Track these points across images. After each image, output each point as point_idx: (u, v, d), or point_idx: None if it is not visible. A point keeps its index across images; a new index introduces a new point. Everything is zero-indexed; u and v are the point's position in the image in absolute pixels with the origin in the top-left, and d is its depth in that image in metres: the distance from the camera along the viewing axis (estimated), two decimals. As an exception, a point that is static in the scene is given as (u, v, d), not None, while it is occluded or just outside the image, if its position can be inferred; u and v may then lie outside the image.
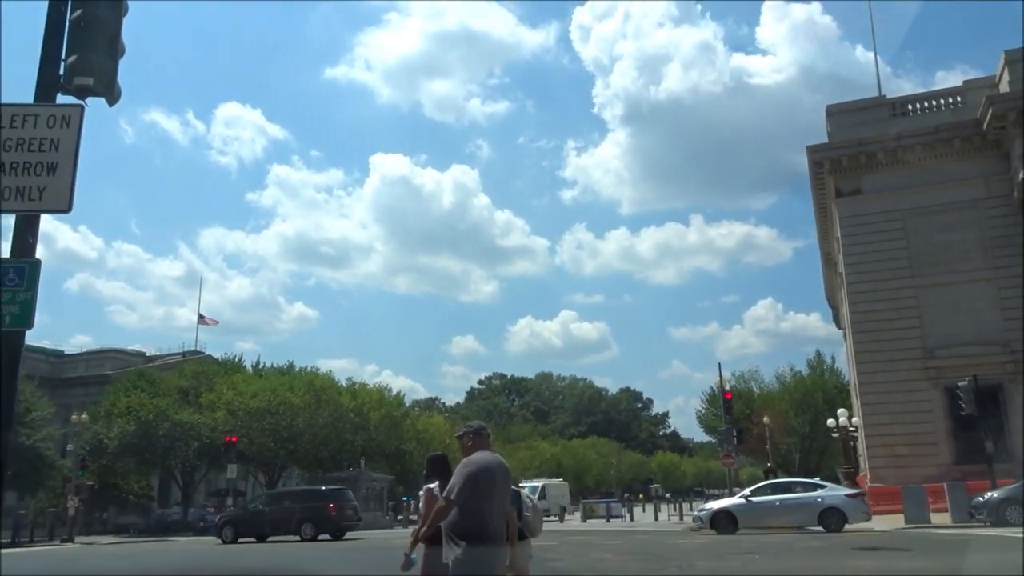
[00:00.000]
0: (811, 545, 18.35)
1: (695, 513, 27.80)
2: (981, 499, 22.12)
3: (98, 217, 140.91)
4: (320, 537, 27.53)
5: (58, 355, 67.21)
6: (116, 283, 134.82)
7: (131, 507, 49.85)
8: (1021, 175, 27.91)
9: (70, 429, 44.29)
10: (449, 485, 5.45)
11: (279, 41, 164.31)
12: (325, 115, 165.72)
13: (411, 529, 7.86)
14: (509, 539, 5.64)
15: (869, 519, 23.40)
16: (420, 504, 7.70)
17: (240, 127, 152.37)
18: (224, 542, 27.91)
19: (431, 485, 7.29)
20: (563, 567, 14.54)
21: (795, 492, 23.87)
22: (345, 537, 28.00)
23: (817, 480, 26.90)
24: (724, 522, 23.27)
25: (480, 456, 5.55)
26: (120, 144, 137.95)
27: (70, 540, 35.36)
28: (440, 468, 7.70)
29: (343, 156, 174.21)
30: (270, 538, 27.74)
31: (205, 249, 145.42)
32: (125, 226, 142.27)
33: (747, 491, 25.02)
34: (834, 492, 23.45)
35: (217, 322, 71.70)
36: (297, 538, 27.22)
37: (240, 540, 27.94)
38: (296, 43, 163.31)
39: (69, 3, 6.20)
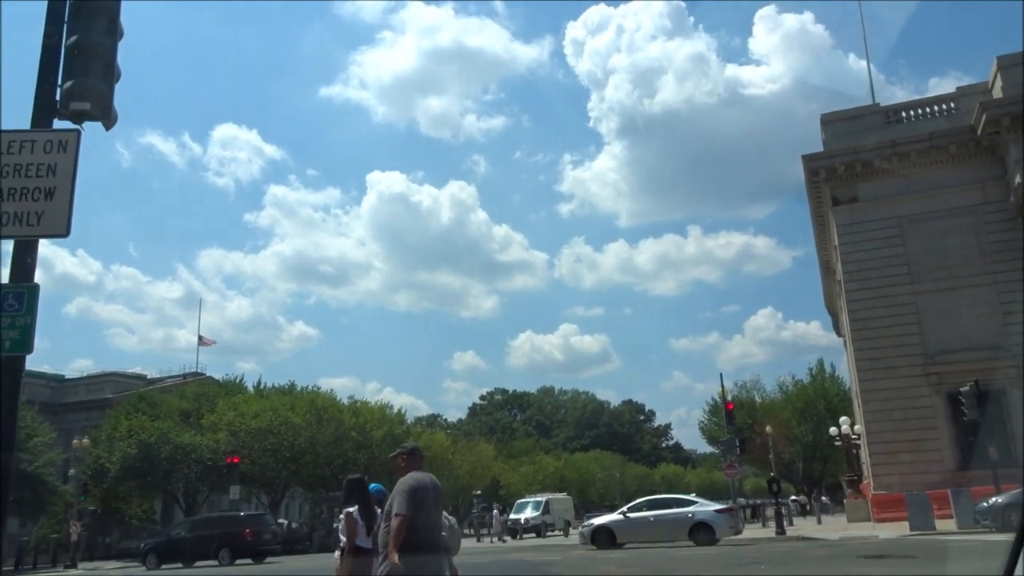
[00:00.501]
0: (816, 554, 18.29)
1: (580, 529, 28.51)
2: (985, 504, 22.04)
3: (96, 241, 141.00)
4: (240, 562, 28.19)
5: (58, 380, 67.11)
6: (115, 306, 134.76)
7: (134, 531, 49.61)
8: (1017, 180, 27.99)
9: (71, 454, 44.18)
10: (391, 503, 5.76)
11: (274, 62, 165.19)
12: (321, 134, 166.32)
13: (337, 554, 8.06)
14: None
15: (738, 533, 24.97)
16: (340, 528, 7.95)
17: (236, 148, 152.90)
18: (148, 569, 28.48)
19: (350, 509, 7.47)
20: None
21: (669, 508, 25.03)
22: (266, 561, 28.80)
23: (692, 496, 28.20)
24: (603, 537, 24.51)
25: (415, 475, 5.89)
26: (117, 167, 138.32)
27: (73, 566, 35.19)
28: (359, 491, 7.84)
29: (340, 175, 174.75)
30: (196, 564, 28.50)
31: (204, 270, 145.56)
32: (123, 249, 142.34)
33: (625, 507, 26.37)
34: (704, 508, 24.65)
35: (214, 342, 71.57)
36: (216, 563, 27.96)
37: (164, 566, 28.47)
38: (291, 63, 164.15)
39: (64, 29, 6.26)
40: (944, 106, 32.45)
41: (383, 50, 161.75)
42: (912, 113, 33.03)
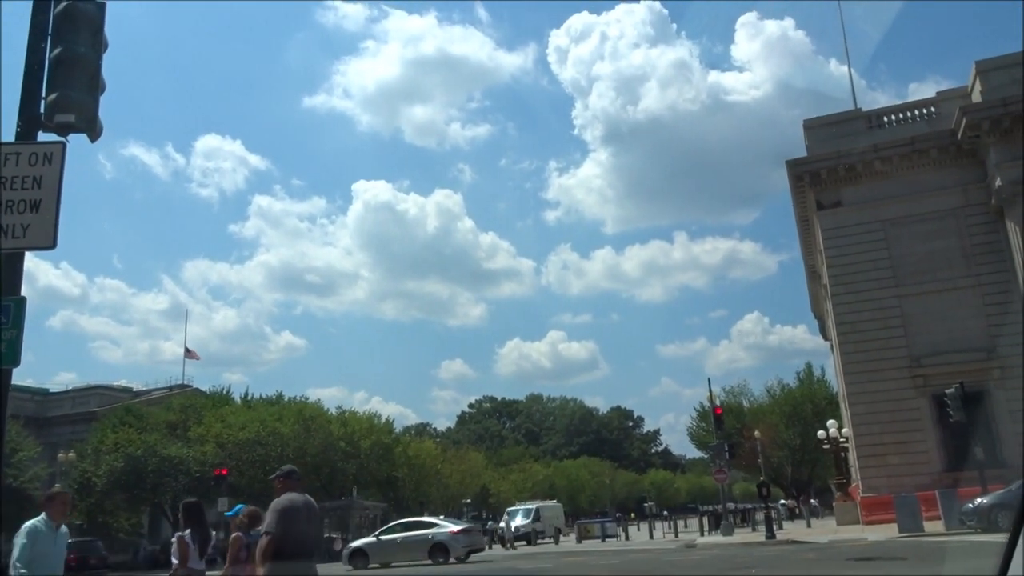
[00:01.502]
0: (806, 557, 18.36)
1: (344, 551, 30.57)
2: (971, 505, 22.23)
3: (80, 253, 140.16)
4: None
5: (43, 393, 66.44)
6: (100, 319, 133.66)
7: (120, 545, 49.13)
8: (998, 182, 28.31)
9: (57, 468, 43.74)
10: (265, 523, 6.34)
11: (257, 71, 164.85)
12: (305, 144, 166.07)
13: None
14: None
15: (478, 550, 28.09)
16: (173, 550, 8.50)
17: (220, 158, 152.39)
18: None
19: (183, 532, 7.78)
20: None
21: (414, 530, 27.72)
22: None
23: (439, 519, 30.61)
24: (358, 558, 27.27)
25: (288, 496, 6.41)
26: (100, 179, 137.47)
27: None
28: (195, 515, 8.15)
29: (325, 184, 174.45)
30: None
31: (189, 282, 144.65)
32: (107, 261, 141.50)
33: (380, 530, 29.25)
34: (442, 529, 27.31)
35: (199, 357, 71.06)
36: None
37: None
38: (274, 73, 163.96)
39: (49, 41, 6.25)
40: (925, 110, 32.79)
41: (366, 59, 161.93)
42: (894, 118, 33.35)
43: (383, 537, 27.59)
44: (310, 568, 6.54)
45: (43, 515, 6.91)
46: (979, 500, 22.20)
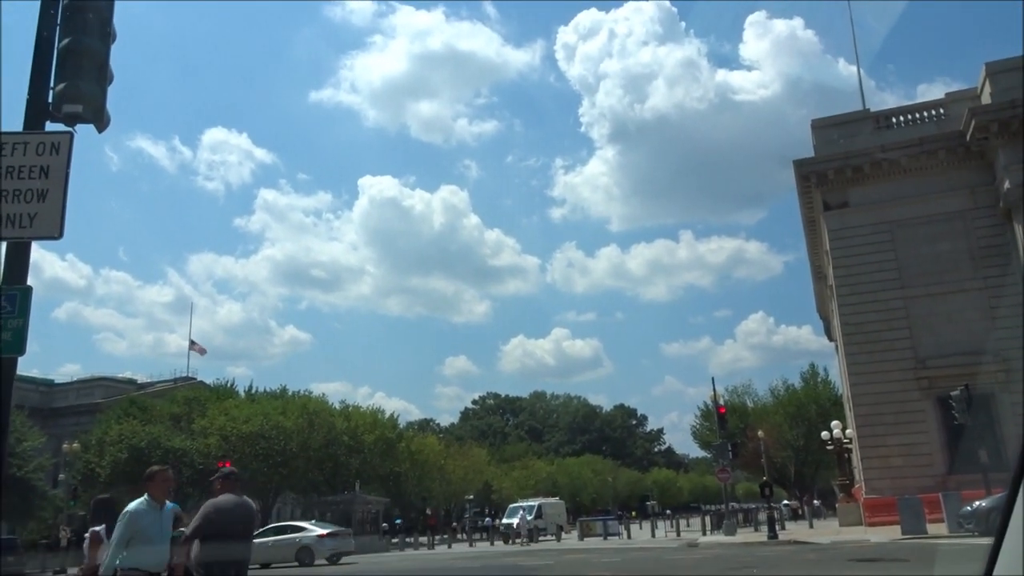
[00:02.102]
0: (808, 558, 18.33)
1: None
2: (970, 509, 22.28)
3: (86, 245, 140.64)
4: None
5: (48, 384, 66.76)
6: (105, 311, 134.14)
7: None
8: (1006, 185, 28.19)
9: (61, 459, 43.89)
10: (191, 524, 6.66)
11: (264, 65, 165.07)
12: (312, 138, 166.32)
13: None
14: None
15: (346, 553, 28.95)
16: (85, 545, 8.55)
17: (226, 152, 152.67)
18: None
19: (97, 528, 7.81)
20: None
21: (284, 534, 29.06)
22: None
23: (309, 524, 31.51)
24: None
25: (221, 498, 6.71)
26: (106, 171, 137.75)
27: (63, 572, 34.94)
28: (105, 511, 8.19)
29: (331, 179, 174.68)
30: None
31: (194, 275, 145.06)
32: (113, 253, 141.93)
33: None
34: (309, 533, 28.61)
35: (205, 351, 71.25)
36: None
37: None
38: (281, 67, 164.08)
39: (57, 31, 6.26)
40: (934, 112, 32.66)
41: (374, 54, 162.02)
42: (902, 119, 33.23)
43: (256, 540, 28.33)
44: (236, 568, 6.75)
45: (145, 496, 6.72)
46: (977, 503, 22.21)
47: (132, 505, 6.84)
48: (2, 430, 5.25)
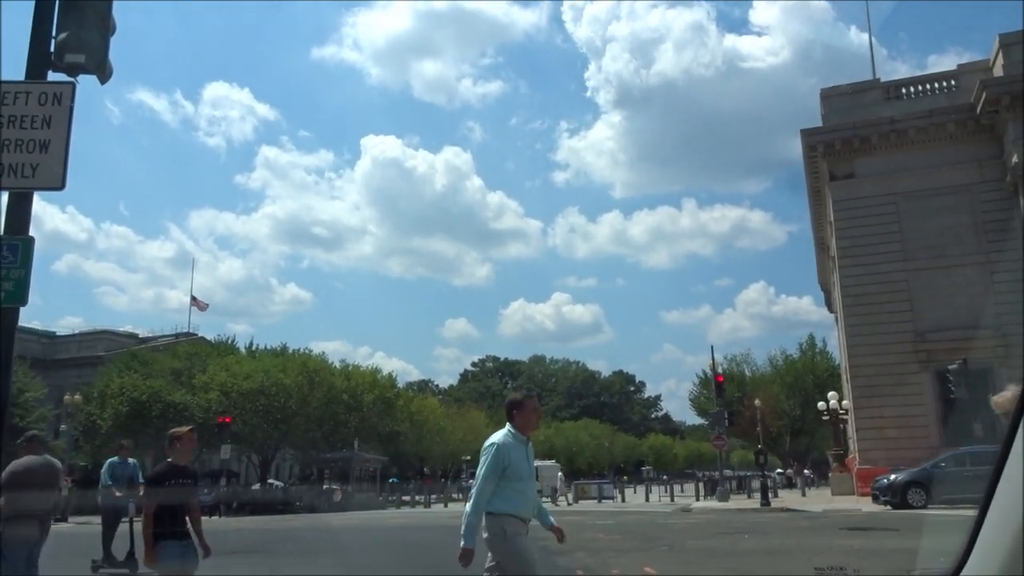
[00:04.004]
0: (800, 525, 18.54)
1: None
2: (886, 481, 23.05)
3: (87, 198, 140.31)
4: None
5: (50, 336, 67.02)
6: (106, 264, 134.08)
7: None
8: (1014, 159, 27.99)
9: (63, 410, 44.25)
10: None
11: (266, 19, 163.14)
12: (313, 96, 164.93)
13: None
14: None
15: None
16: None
17: (228, 107, 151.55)
18: None
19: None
20: (556, 546, 14.65)
21: None
22: None
23: None
24: None
25: (23, 460, 7.14)
26: (107, 124, 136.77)
27: (64, 520, 35.45)
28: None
29: (333, 137, 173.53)
30: None
31: (196, 231, 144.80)
32: (114, 207, 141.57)
33: None
34: None
35: (207, 305, 71.35)
36: None
37: None
38: (283, 21, 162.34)
39: (60, -21, 6.16)
40: (944, 83, 32.32)
41: (377, 11, 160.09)
42: (912, 89, 32.90)
43: None
44: (36, 528, 7.04)
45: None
46: (893, 476, 23.34)
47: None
48: (4, 380, 5.27)
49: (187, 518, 6.43)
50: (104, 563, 12.23)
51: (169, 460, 6.61)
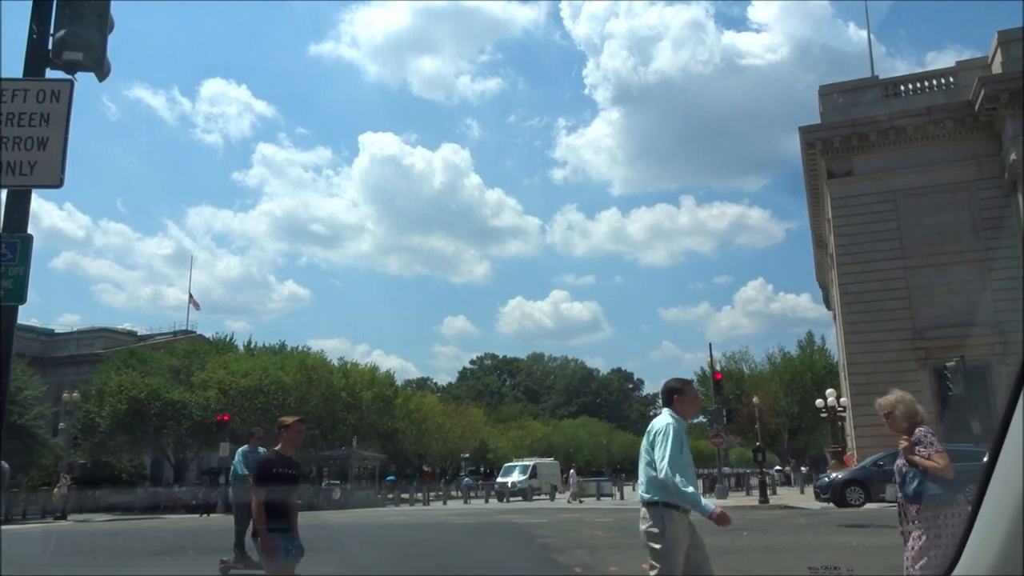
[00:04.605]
0: (797, 522, 18.57)
1: None
2: (826, 480, 24.13)
3: (84, 195, 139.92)
4: None
5: (48, 334, 66.99)
6: (104, 262, 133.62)
7: (123, 486, 49.95)
8: (1012, 157, 28.01)
9: (61, 408, 44.23)
10: None
11: (263, 16, 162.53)
12: (311, 92, 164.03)
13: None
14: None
15: None
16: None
17: (225, 103, 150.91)
18: None
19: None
20: (555, 543, 14.70)
21: None
22: None
23: None
24: None
25: None
26: (104, 121, 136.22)
27: (63, 517, 35.45)
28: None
29: (331, 134, 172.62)
30: None
31: (193, 228, 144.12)
32: (111, 204, 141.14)
33: None
34: None
35: (199, 307, 71.11)
36: None
37: None
38: (280, 18, 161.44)
39: (58, -23, 6.15)
40: (943, 80, 32.33)
41: (375, 7, 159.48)
42: (911, 87, 32.91)
43: None
44: None
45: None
46: (833, 475, 24.21)
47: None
48: (3, 378, 5.27)
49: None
50: (238, 562, 11.41)
51: (276, 449, 6.32)
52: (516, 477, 47.23)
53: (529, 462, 50.28)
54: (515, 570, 11.53)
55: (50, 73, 5.98)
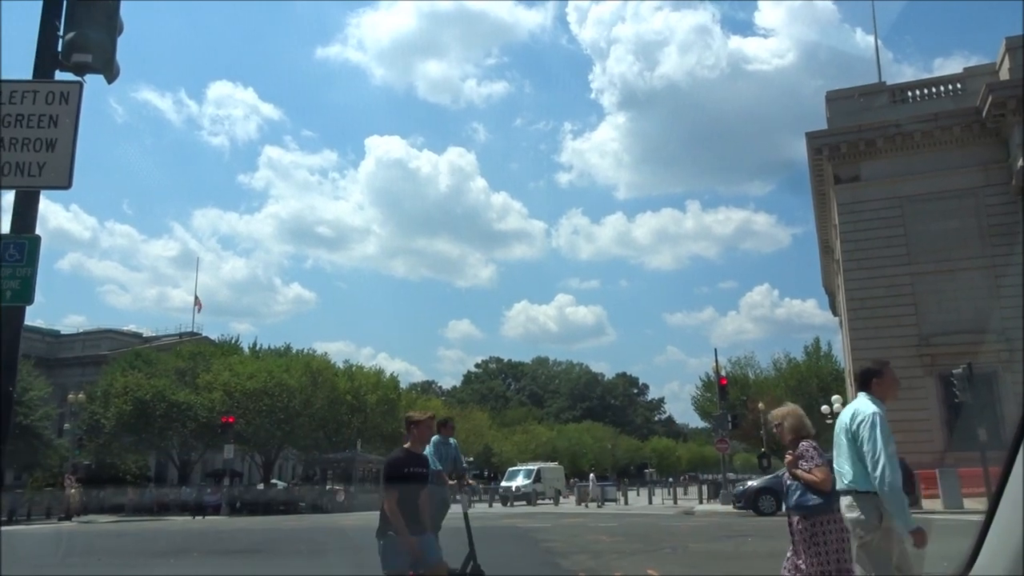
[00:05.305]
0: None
1: None
2: (741, 488, 25.13)
3: (90, 196, 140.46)
4: None
5: (54, 335, 67.19)
6: (109, 263, 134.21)
7: (127, 487, 50.04)
8: (1020, 163, 27.92)
9: (67, 409, 44.34)
10: None
11: (270, 19, 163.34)
12: (318, 96, 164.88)
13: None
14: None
15: None
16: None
17: (232, 106, 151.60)
18: None
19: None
20: (558, 547, 14.67)
21: None
22: None
23: None
24: None
25: None
26: (111, 123, 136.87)
27: (67, 518, 35.53)
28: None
29: (336, 137, 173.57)
30: None
31: (199, 230, 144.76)
32: (117, 206, 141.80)
33: None
34: None
35: (200, 308, 71.12)
36: None
37: None
38: (287, 21, 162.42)
39: (68, -21, 6.17)
40: (950, 86, 32.26)
41: (381, 11, 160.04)
42: (918, 93, 32.85)
43: None
44: None
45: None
46: (749, 483, 25.27)
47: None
48: (10, 379, 5.28)
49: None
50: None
51: (406, 447, 6.12)
52: (520, 481, 47.17)
53: (533, 466, 50.22)
54: (519, 574, 11.52)
55: (59, 75, 6.00)
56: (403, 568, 5.68)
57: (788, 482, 5.86)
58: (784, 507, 5.98)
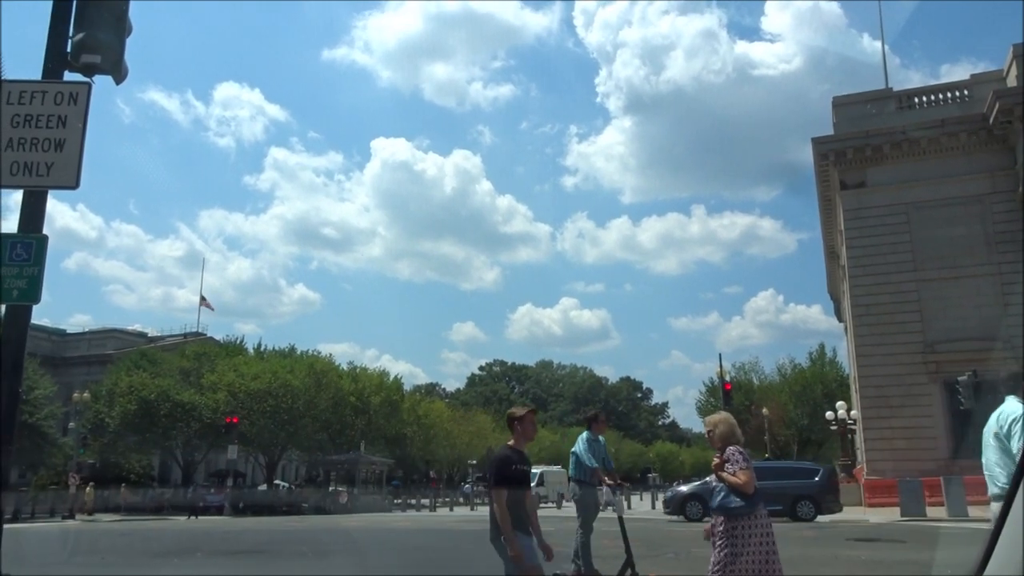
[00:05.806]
0: (805, 535, 18.44)
1: None
2: (670, 494, 25.81)
3: (97, 196, 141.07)
4: None
5: (60, 334, 67.43)
6: (115, 263, 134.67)
7: (131, 486, 50.13)
8: (1026, 170, 27.87)
9: (72, 408, 44.47)
10: None
11: (277, 21, 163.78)
12: (324, 97, 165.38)
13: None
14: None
15: None
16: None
17: (238, 107, 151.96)
18: None
19: None
20: (562, 552, 14.62)
21: None
22: None
23: None
24: None
25: None
26: (118, 123, 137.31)
27: (71, 517, 35.62)
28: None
29: (342, 139, 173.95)
30: None
31: (205, 231, 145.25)
32: (124, 206, 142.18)
33: None
34: None
35: (213, 308, 71.55)
36: None
37: None
38: (294, 23, 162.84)
39: (77, -20, 6.21)
40: (957, 93, 32.22)
41: (388, 13, 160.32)
42: (925, 99, 32.81)
43: None
44: None
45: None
46: (679, 489, 26.14)
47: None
48: (16, 377, 5.31)
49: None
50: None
51: (510, 444, 5.91)
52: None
53: (536, 470, 50.15)
54: None
55: (68, 75, 6.03)
56: (536, 568, 5.40)
57: (713, 484, 6.15)
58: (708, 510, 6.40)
